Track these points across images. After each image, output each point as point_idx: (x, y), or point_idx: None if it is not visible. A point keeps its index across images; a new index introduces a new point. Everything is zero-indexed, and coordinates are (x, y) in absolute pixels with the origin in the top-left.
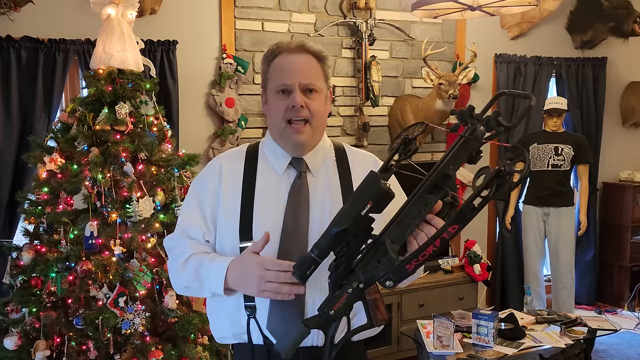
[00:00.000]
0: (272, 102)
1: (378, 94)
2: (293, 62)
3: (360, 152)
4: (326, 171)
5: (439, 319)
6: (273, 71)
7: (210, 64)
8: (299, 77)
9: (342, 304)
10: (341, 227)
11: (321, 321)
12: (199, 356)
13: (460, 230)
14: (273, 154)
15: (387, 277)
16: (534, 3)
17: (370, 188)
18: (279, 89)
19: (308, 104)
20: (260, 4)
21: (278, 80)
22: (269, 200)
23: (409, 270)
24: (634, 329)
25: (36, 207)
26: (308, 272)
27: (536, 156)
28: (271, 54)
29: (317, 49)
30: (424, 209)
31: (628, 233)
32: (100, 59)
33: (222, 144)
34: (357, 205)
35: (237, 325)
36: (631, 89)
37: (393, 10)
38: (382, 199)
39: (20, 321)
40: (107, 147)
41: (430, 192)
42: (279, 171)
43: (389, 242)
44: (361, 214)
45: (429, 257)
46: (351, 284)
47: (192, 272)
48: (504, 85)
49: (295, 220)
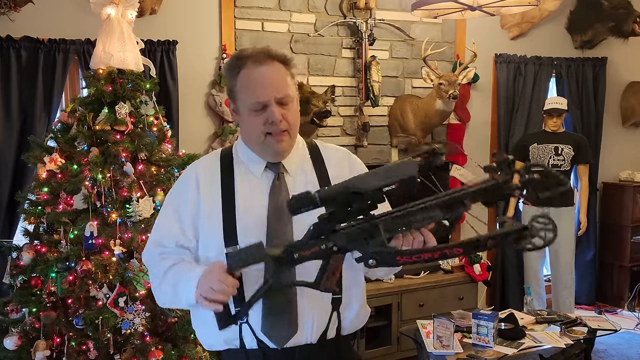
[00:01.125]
0: (247, 117)
1: (378, 94)
2: (263, 74)
3: (333, 148)
4: (303, 170)
5: (439, 319)
6: (242, 85)
7: (210, 64)
8: (272, 91)
9: (310, 253)
10: (359, 190)
11: (282, 257)
12: (199, 356)
13: (461, 256)
14: (248, 159)
15: (373, 257)
16: (534, 3)
17: (405, 170)
18: (254, 107)
19: (285, 116)
20: (260, 4)
21: (251, 97)
22: (250, 203)
23: (397, 262)
24: (634, 329)
25: (36, 207)
26: (303, 209)
27: (536, 156)
28: (236, 66)
29: (282, 54)
30: (427, 219)
31: (628, 233)
32: (100, 59)
33: (222, 144)
34: (385, 179)
35: (228, 332)
36: (631, 89)
37: (393, 10)
38: (409, 187)
39: (20, 321)
40: (107, 147)
41: (440, 209)
42: (256, 174)
43: (382, 228)
44: (382, 190)
45: (420, 261)
46: (327, 242)
47: (170, 289)
48: (504, 85)
49: (278, 220)
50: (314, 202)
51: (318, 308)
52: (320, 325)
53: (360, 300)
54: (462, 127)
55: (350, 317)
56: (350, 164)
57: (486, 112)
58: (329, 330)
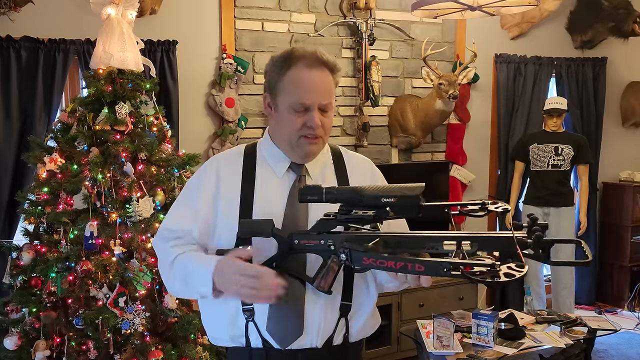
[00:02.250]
0: (285, 115)
1: (378, 94)
2: (313, 79)
3: (356, 157)
4: (324, 175)
5: (439, 319)
6: (289, 84)
7: (210, 64)
8: (318, 97)
9: (308, 244)
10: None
11: (283, 239)
12: (199, 356)
13: (423, 275)
14: (272, 157)
15: (345, 252)
16: (534, 3)
17: (408, 191)
18: (296, 108)
19: (323, 122)
20: (260, 4)
21: (296, 96)
22: (268, 204)
23: (362, 263)
24: (634, 329)
25: (36, 207)
26: (309, 198)
27: (536, 156)
28: (286, 63)
29: (332, 61)
30: (430, 248)
31: (628, 233)
32: (100, 59)
33: (222, 144)
34: (386, 192)
35: (235, 328)
36: (631, 89)
37: (393, 10)
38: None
39: (20, 321)
40: (107, 147)
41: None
42: (278, 174)
43: (381, 244)
44: (380, 199)
45: (382, 269)
46: (327, 240)
47: (180, 278)
48: (504, 85)
49: (294, 223)
50: (320, 196)
51: (325, 313)
52: (326, 331)
53: (370, 310)
54: (462, 127)
55: (359, 326)
56: (372, 176)
57: (486, 112)
58: (335, 336)
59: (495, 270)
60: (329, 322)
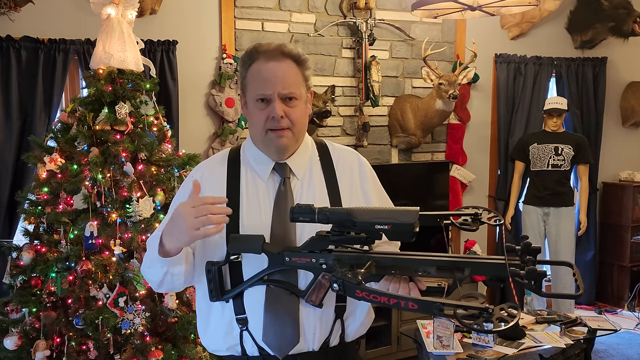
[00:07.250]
0: (252, 110)
1: (378, 94)
2: (272, 69)
3: (343, 149)
4: (310, 174)
5: (439, 319)
6: (251, 78)
7: (210, 64)
8: (277, 86)
9: (300, 262)
10: (354, 220)
11: (275, 255)
12: (199, 356)
13: (417, 312)
14: (255, 159)
15: (338, 282)
16: (534, 3)
17: (402, 217)
18: (257, 98)
19: (288, 113)
20: (260, 4)
21: (257, 89)
22: (255, 207)
23: (355, 295)
24: (634, 329)
25: (36, 207)
26: (301, 219)
27: (536, 156)
28: (249, 59)
29: (296, 52)
30: (422, 271)
31: (628, 233)
32: (100, 59)
33: (222, 144)
34: (380, 218)
35: (230, 338)
36: (631, 89)
37: (393, 10)
38: (404, 233)
39: (20, 321)
40: (107, 147)
41: (439, 268)
42: (263, 177)
43: (373, 265)
44: (374, 226)
45: (376, 303)
46: (319, 258)
47: (145, 265)
48: (504, 85)
49: (283, 228)
50: (312, 216)
51: (321, 317)
52: (323, 334)
53: (365, 310)
54: (462, 127)
55: (355, 325)
56: (360, 169)
57: (486, 112)
58: (331, 337)
59: (488, 315)
60: (325, 326)
